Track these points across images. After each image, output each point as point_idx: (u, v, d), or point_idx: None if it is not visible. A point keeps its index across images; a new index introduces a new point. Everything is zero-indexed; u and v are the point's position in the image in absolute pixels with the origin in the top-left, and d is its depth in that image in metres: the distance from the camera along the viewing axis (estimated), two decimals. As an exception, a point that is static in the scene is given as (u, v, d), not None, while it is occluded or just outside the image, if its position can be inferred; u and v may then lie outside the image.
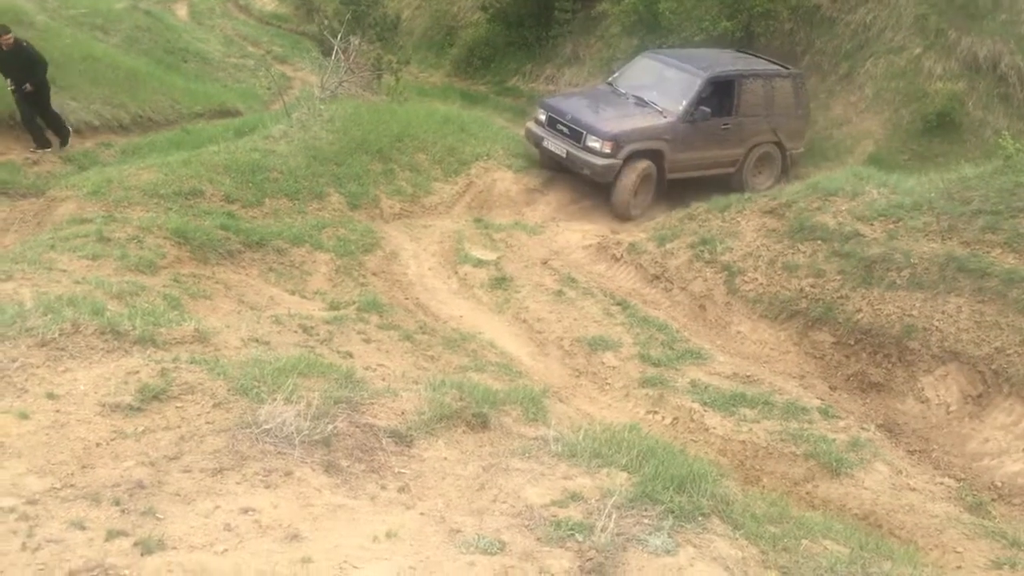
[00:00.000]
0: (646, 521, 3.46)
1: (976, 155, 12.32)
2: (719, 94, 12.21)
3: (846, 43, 15.70)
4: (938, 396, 6.69)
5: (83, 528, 3.00)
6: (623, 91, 12.45)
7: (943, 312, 7.05)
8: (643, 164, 11.54)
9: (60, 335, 4.47)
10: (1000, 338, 6.64)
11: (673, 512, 3.53)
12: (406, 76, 17.97)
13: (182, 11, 25.64)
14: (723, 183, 12.21)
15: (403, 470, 3.85)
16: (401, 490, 3.69)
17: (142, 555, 2.88)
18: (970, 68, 14.05)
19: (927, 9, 15.00)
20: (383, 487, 3.68)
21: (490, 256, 9.54)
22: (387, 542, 3.16)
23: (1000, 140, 8.93)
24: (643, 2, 16.56)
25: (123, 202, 8.59)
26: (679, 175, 12.10)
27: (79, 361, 4.34)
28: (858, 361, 7.27)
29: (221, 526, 3.12)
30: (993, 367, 6.53)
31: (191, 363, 4.45)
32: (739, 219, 9.16)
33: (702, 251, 8.84)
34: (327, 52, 15.60)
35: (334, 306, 7.86)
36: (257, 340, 5.72)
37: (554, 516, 3.46)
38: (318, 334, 6.71)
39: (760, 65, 13.19)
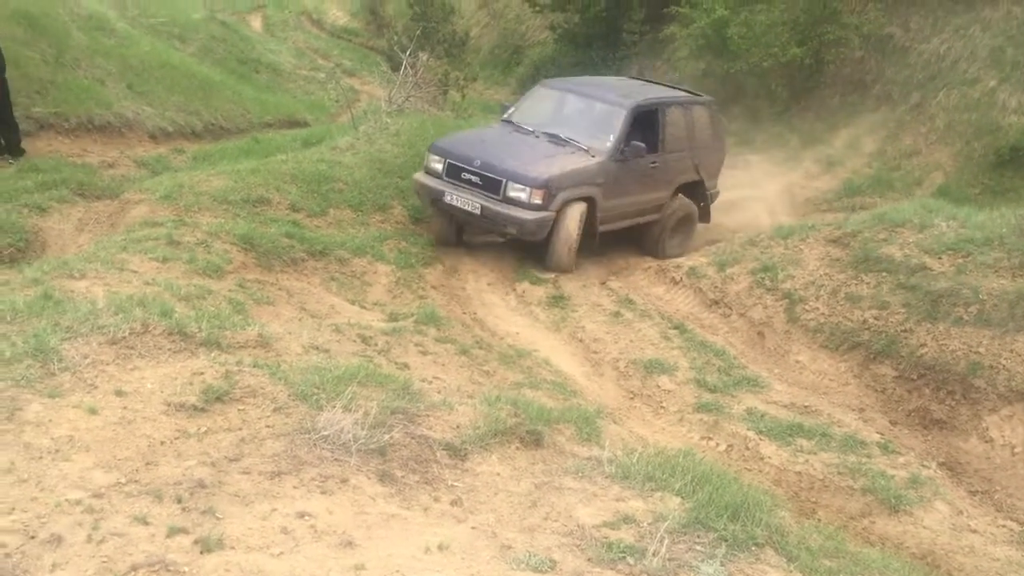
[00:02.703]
0: (699, 548, 3.43)
1: (1051, 192, 12.03)
2: (643, 128, 10.33)
3: (918, 73, 15.47)
4: (1003, 436, 6.51)
5: (146, 523, 3.07)
6: (529, 128, 10.33)
7: (1011, 351, 6.87)
8: (580, 208, 9.56)
9: (130, 334, 4.60)
10: (1071, 380, 6.46)
11: (726, 540, 3.50)
12: (472, 93, 18.20)
13: (256, 23, 26.33)
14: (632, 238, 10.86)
15: (456, 483, 3.87)
16: (454, 503, 3.71)
17: (201, 553, 2.94)
18: (1047, 102, 13.72)
19: (1004, 41, 14.70)
20: (436, 499, 3.71)
21: (548, 274, 9.55)
22: (439, 554, 3.18)
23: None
24: (712, 26, 16.52)
25: (193, 207, 8.81)
26: (609, 227, 10.18)
27: (147, 360, 4.46)
28: (920, 397, 7.11)
29: (278, 529, 3.17)
30: (1062, 410, 6.36)
31: (254, 367, 4.55)
32: (802, 247, 9.05)
33: (763, 278, 8.74)
34: (395, 67, 15.88)
35: (393, 317, 7.95)
36: (317, 348, 5.81)
37: (606, 537, 3.44)
38: (376, 344, 6.79)
39: (674, 93, 11.68)
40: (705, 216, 11.59)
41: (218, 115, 15.11)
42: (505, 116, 10.83)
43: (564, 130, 10.14)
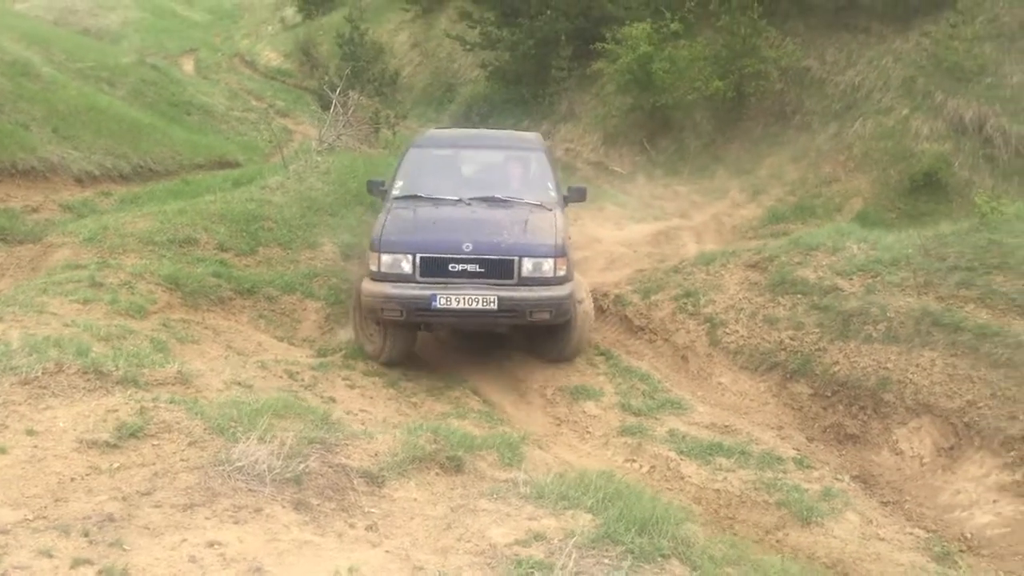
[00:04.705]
0: (606, 561, 3.54)
1: (961, 214, 12.46)
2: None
3: (835, 103, 16.03)
4: (912, 448, 6.75)
5: (50, 556, 3.09)
6: (450, 197, 8.25)
7: (917, 365, 7.14)
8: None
9: (43, 374, 4.61)
10: (972, 391, 6.72)
11: (633, 553, 3.61)
12: (404, 130, 18.34)
13: (188, 66, 26.26)
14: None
15: (372, 509, 3.94)
16: (369, 528, 3.77)
17: (106, 583, 2.98)
18: (956, 130, 14.31)
19: (915, 72, 15.35)
20: (351, 525, 3.77)
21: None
22: (348, 577, 3.24)
23: (976, 199, 9.14)
24: (637, 61, 16.93)
25: (118, 249, 8.76)
26: None
27: (60, 399, 4.47)
28: (835, 413, 7.34)
29: (186, 558, 3.21)
30: (965, 420, 6.60)
31: (170, 403, 4.58)
32: (723, 272, 9.30)
33: (686, 303, 8.97)
34: (326, 106, 15.99)
35: (322, 353, 7.99)
36: (240, 383, 5.84)
37: (516, 555, 3.54)
38: (303, 379, 6.83)
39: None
40: None
41: (147, 157, 15.01)
42: (396, 192, 8.45)
43: (492, 190, 8.40)
